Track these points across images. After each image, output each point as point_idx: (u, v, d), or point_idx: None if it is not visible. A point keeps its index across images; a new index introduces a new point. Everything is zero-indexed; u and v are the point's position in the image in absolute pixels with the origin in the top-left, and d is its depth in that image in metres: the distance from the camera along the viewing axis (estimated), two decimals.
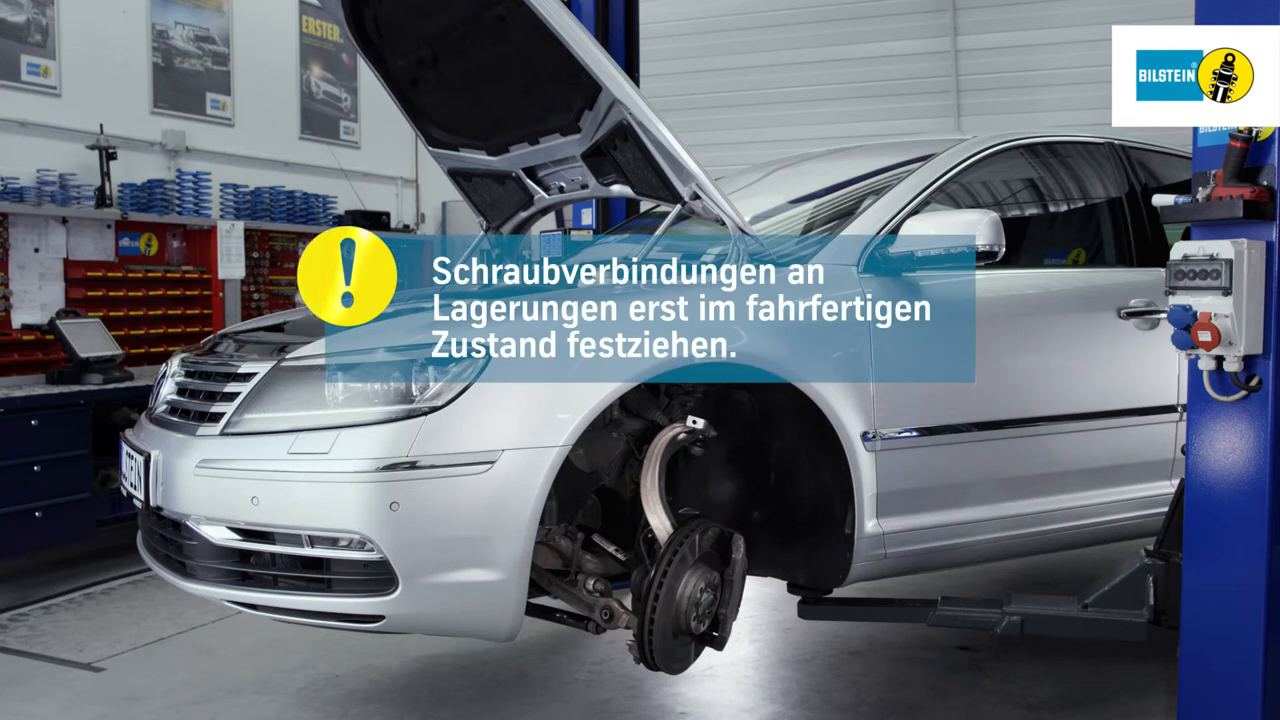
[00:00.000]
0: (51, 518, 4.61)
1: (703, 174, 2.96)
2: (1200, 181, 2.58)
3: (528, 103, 3.26)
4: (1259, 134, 2.46)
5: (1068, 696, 3.54)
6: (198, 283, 6.30)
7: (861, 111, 9.42)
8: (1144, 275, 3.60)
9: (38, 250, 5.53)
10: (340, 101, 8.08)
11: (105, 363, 5.04)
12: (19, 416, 4.48)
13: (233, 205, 6.69)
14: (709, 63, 9.87)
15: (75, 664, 3.84)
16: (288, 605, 2.57)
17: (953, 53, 9.34)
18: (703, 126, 8.66)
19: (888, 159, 3.66)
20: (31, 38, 5.69)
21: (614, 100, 2.92)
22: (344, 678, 3.71)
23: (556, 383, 2.51)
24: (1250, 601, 2.55)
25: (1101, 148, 3.95)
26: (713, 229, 3.39)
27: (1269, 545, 2.52)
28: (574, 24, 2.72)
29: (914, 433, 3.05)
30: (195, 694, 3.57)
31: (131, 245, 6.09)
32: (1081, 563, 4.45)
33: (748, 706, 3.51)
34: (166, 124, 6.53)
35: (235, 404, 2.64)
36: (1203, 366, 2.56)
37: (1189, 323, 2.53)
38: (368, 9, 3.21)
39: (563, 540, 2.75)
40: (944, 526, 3.15)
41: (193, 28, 6.75)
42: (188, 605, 4.33)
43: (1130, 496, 3.54)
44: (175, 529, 2.72)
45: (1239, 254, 2.47)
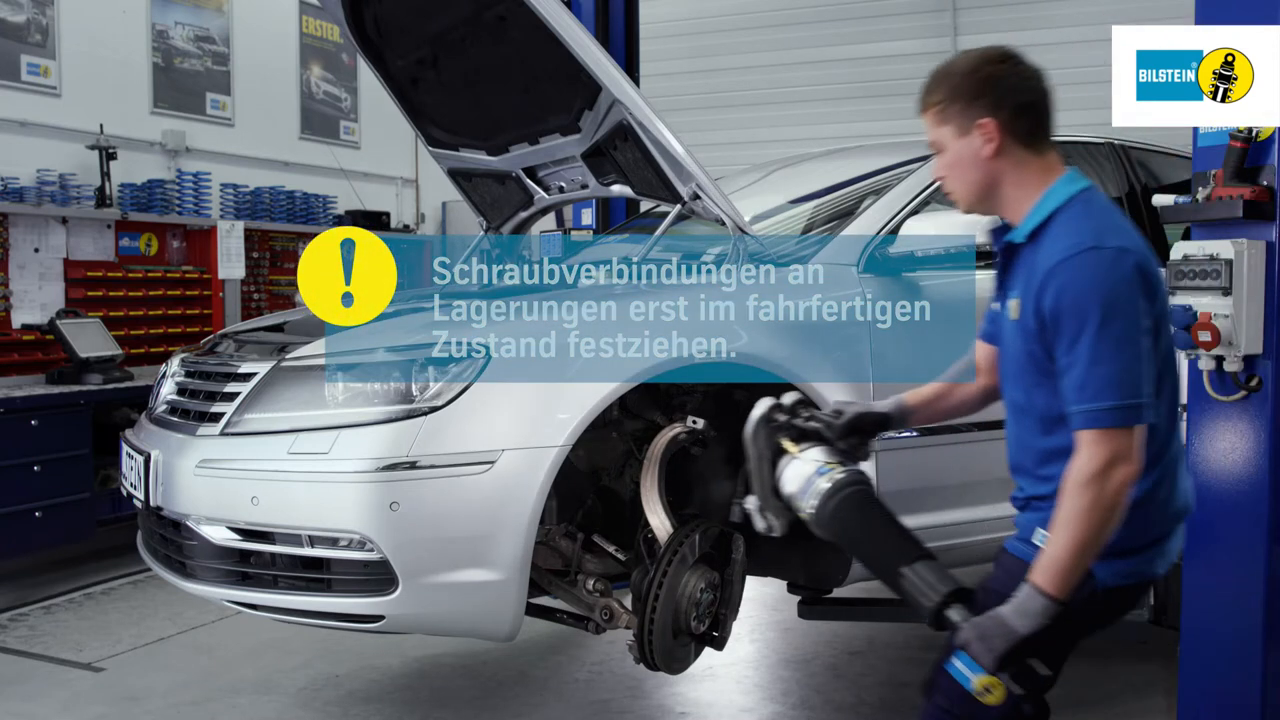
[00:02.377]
0: (51, 518, 4.60)
1: (703, 174, 2.96)
2: (1200, 181, 2.59)
3: (528, 103, 3.26)
4: (1259, 134, 2.46)
5: (1068, 696, 3.53)
6: (198, 283, 6.30)
7: (861, 111, 9.41)
8: None
9: (38, 250, 5.52)
10: (340, 101, 8.08)
11: (105, 363, 5.04)
12: (19, 416, 4.48)
13: (233, 205, 6.68)
14: (709, 63, 9.86)
15: (75, 664, 3.84)
16: (288, 605, 2.57)
17: (953, 53, 9.29)
18: (703, 126, 8.65)
19: (888, 159, 3.66)
20: (31, 38, 5.69)
21: (614, 100, 2.92)
22: (344, 678, 3.71)
23: (556, 383, 2.51)
24: (1250, 601, 2.55)
25: (1101, 148, 3.95)
26: (713, 229, 3.39)
27: (1268, 545, 2.52)
28: (574, 24, 2.72)
29: (914, 433, 3.05)
30: (195, 694, 3.57)
31: (131, 245, 6.09)
32: None
33: (748, 706, 3.51)
34: (166, 124, 6.53)
35: (235, 404, 2.64)
36: (1203, 366, 2.56)
37: (1189, 323, 2.53)
38: (368, 9, 3.21)
39: (563, 540, 2.75)
40: (944, 526, 3.14)
41: (193, 28, 6.75)
42: (188, 605, 4.33)
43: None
44: (175, 529, 2.72)
45: (1239, 254, 2.47)
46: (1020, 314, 1.81)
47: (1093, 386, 1.67)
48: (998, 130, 1.83)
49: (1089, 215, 1.78)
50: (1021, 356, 1.83)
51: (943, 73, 1.93)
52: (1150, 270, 1.73)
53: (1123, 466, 1.65)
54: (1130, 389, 1.66)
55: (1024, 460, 1.91)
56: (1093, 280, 1.68)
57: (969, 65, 1.89)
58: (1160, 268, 1.81)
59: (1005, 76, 1.86)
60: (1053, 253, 1.73)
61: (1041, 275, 1.74)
